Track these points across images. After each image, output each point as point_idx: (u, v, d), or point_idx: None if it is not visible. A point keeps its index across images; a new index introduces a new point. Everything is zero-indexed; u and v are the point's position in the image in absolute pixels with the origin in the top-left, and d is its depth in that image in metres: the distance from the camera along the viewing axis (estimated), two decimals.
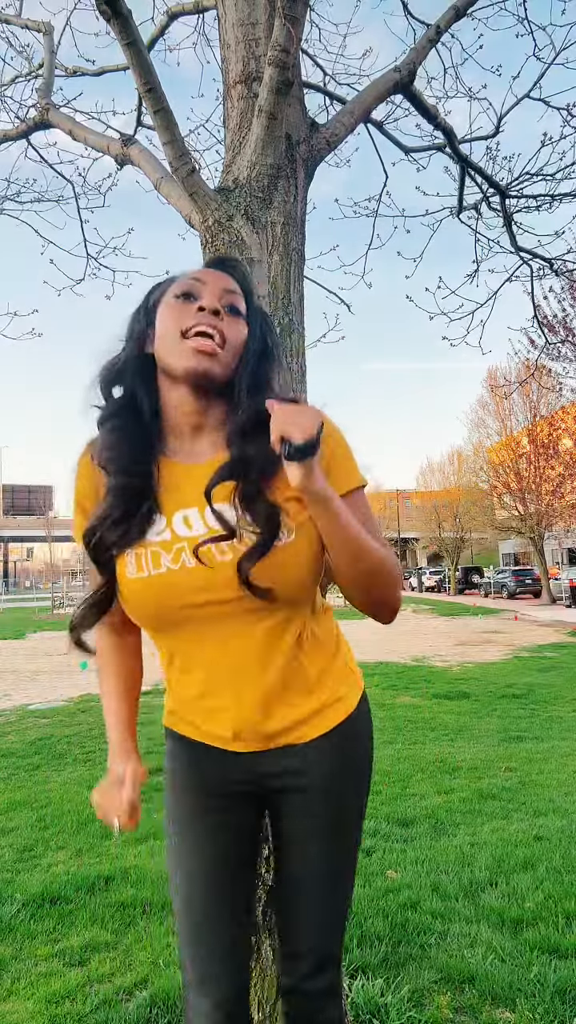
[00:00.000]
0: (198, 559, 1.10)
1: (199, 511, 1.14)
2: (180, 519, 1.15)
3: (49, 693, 9.04)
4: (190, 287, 1.19)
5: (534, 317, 4.66)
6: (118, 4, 1.69)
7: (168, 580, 1.12)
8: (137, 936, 2.69)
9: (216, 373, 1.15)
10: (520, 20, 3.43)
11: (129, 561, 1.15)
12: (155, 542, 1.14)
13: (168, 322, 1.18)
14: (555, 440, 27.77)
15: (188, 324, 1.15)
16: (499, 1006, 2.18)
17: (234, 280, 1.23)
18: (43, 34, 3.27)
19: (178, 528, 1.15)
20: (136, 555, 1.14)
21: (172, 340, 1.16)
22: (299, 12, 1.82)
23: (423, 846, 3.50)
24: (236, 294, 1.21)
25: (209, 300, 1.16)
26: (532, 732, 6.16)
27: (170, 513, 1.15)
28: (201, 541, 1.11)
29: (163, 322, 1.19)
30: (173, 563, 1.12)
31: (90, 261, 3.79)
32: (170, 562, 1.12)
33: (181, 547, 1.13)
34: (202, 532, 1.13)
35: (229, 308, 1.19)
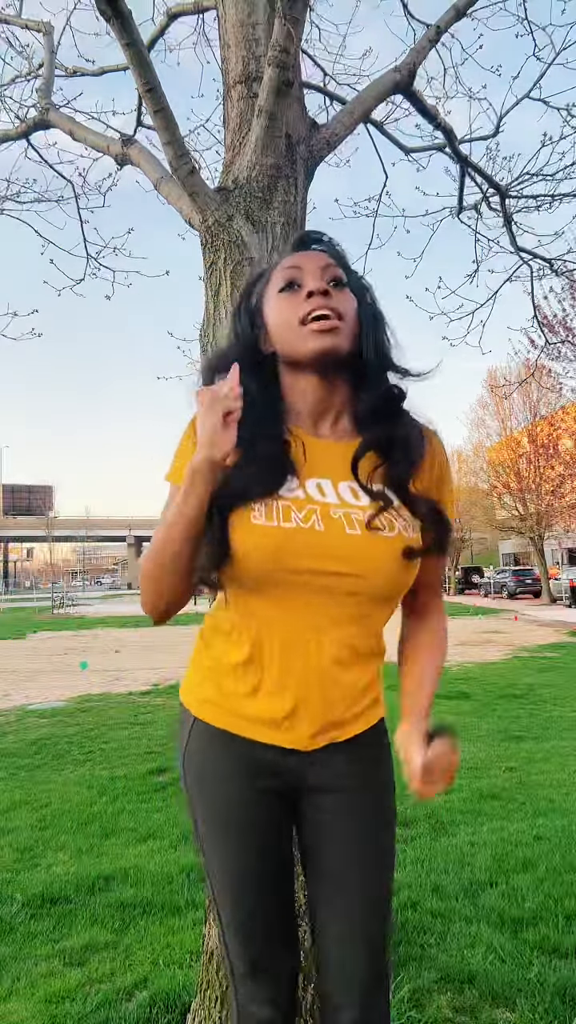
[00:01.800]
0: (367, 527, 1.11)
1: (333, 482, 1.16)
2: (314, 484, 1.15)
3: (49, 693, 9.03)
4: (291, 276, 1.19)
5: (534, 317, 4.65)
6: (118, 4, 1.69)
7: (295, 536, 1.10)
8: (137, 936, 2.69)
9: (342, 348, 1.16)
10: (520, 20, 3.43)
11: (256, 508, 1.12)
12: (287, 497, 1.13)
13: (282, 315, 1.18)
14: (555, 440, 27.78)
15: (303, 312, 1.15)
16: (499, 1006, 2.18)
17: (327, 255, 1.22)
18: (43, 34, 3.28)
19: (312, 491, 1.15)
20: (266, 504, 1.12)
21: (292, 331, 1.16)
22: (299, 12, 1.83)
23: (423, 846, 3.50)
24: (335, 267, 1.20)
25: (315, 282, 1.16)
26: (532, 732, 6.16)
27: (304, 477, 1.16)
28: (372, 508, 1.12)
29: (277, 317, 1.19)
30: (304, 522, 1.11)
31: (90, 261, 3.78)
32: (301, 520, 1.11)
33: (313, 509, 1.12)
34: (335, 501, 1.14)
35: (333, 283, 1.19)
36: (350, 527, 1.11)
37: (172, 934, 2.68)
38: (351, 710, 1.17)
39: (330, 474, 1.16)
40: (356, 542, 1.11)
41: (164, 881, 3.14)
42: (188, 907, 2.90)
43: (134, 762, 5.35)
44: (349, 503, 1.14)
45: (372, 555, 1.11)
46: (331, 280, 1.18)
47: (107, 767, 5.27)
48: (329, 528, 1.11)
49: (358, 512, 1.13)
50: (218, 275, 2.01)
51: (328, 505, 1.13)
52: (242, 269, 1.97)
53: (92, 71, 3.61)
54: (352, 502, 1.14)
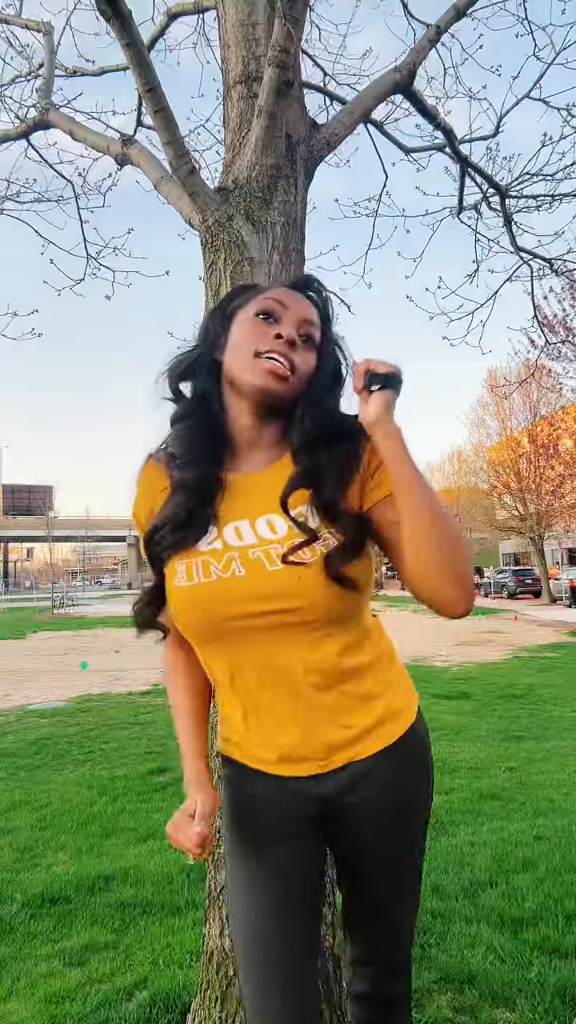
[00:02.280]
0: (286, 563, 1.09)
1: (250, 522, 1.16)
2: (231, 530, 1.16)
3: (49, 693, 9.03)
4: (272, 308, 1.20)
5: (534, 317, 4.65)
6: (118, 4, 1.69)
7: (218, 588, 1.11)
8: (137, 936, 2.69)
9: (282, 396, 1.17)
10: (520, 20, 3.43)
11: (179, 569, 1.14)
12: (205, 551, 1.14)
13: (245, 337, 1.19)
14: (555, 440, 27.77)
15: (264, 347, 1.16)
16: (499, 1006, 2.18)
17: (315, 309, 1.23)
18: (43, 34, 3.28)
19: (229, 538, 1.15)
20: (186, 564, 1.14)
21: (245, 356, 1.17)
22: (299, 12, 1.82)
23: None
24: (313, 325, 1.21)
25: (288, 329, 1.17)
26: (532, 732, 6.16)
27: (223, 524, 1.16)
28: (291, 547, 1.10)
29: (239, 336, 1.20)
30: (223, 572, 1.12)
31: (90, 261, 3.78)
32: (220, 570, 1.12)
33: (232, 556, 1.13)
34: (252, 542, 1.13)
35: (305, 338, 1.20)
36: (270, 563, 1.11)
37: (172, 934, 2.68)
38: (356, 728, 1.15)
39: (247, 513, 1.16)
40: (279, 577, 1.10)
41: (164, 881, 3.14)
42: (188, 907, 2.90)
43: (134, 762, 5.35)
44: (266, 539, 1.13)
45: (298, 584, 1.10)
46: (304, 335, 1.19)
47: (107, 767, 5.27)
48: (250, 570, 1.11)
49: (276, 546, 1.12)
50: (218, 275, 2.01)
51: (245, 548, 1.13)
52: (242, 269, 1.97)
53: (92, 71, 3.61)
54: (269, 537, 1.13)
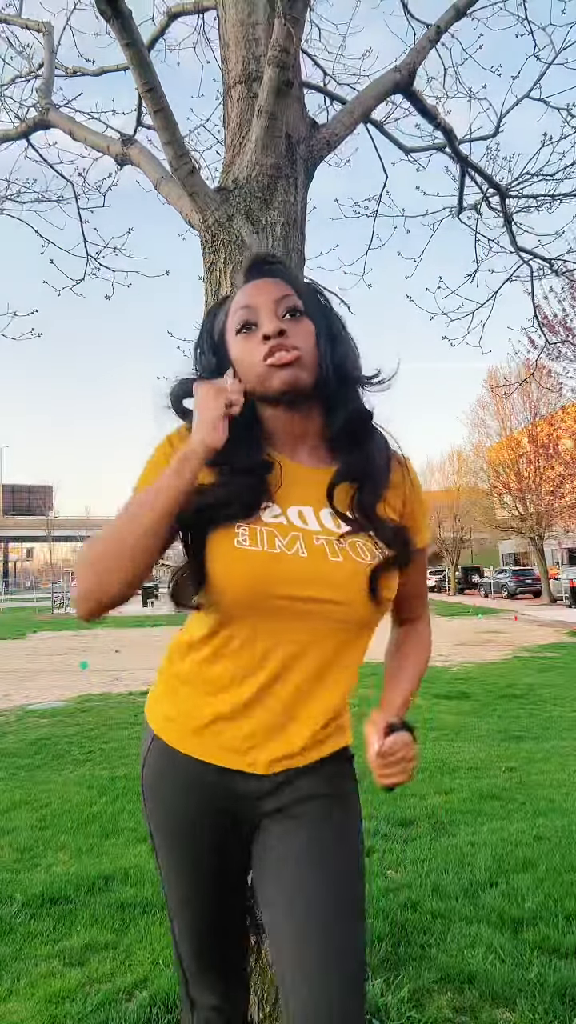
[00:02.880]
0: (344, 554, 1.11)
1: (314, 510, 1.16)
2: (295, 512, 1.16)
3: (49, 693, 9.03)
4: (245, 317, 1.18)
5: (534, 317, 4.65)
6: (118, 4, 1.69)
7: (278, 561, 1.10)
8: (137, 936, 2.69)
9: (305, 380, 1.16)
10: (520, 20, 3.43)
11: (240, 532, 1.11)
12: (270, 523, 1.13)
13: (243, 357, 1.18)
14: (555, 440, 27.78)
15: (261, 355, 1.15)
16: (499, 1006, 2.18)
17: (281, 281, 1.21)
18: (43, 34, 3.28)
19: (293, 518, 1.15)
20: (250, 529, 1.12)
21: (255, 370, 1.16)
22: (299, 12, 1.82)
23: (423, 846, 3.50)
24: (289, 295, 1.19)
25: (268, 324, 1.15)
26: (532, 732, 6.16)
27: (285, 504, 1.16)
28: (343, 533, 1.13)
29: (239, 358, 1.19)
30: (287, 548, 1.11)
31: (90, 261, 3.78)
32: (284, 545, 1.11)
33: (297, 536, 1.12)
34: (316, 528, 1.14)
35: (289, 314, 1.18)
36: (332, 555, 1.12)
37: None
38: (316, 736, 1.15)
39: (310, 501, 1.17)
40: (339, 569, 1.11)
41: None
42: None
43: (134, 762, 5.34)
44: (330, 530, 1.14)
45: (352, 582, 1.11)
46: (286, 312, 1.18)
47: (107, 767, 5.27)
48: (312, 555, 1.11)
49: (339, 540, 1.14)
50: (218, 275, 2.01)
51: (311, 532, 1.13)
52: (242, 269, 1.97)
53: (92, 71, 3.61)
54: (333, 529, 1.15)
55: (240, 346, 1.18)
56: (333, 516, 1.16)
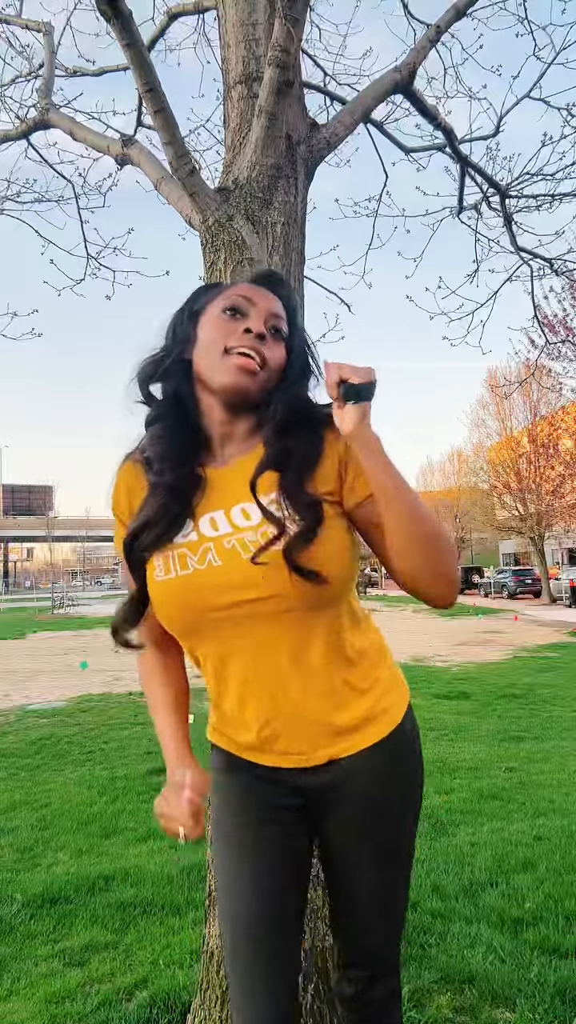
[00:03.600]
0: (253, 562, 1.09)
1: (225, 512, 1.16)
2: (207, 521, 1.16)
3: (49, 693, 9.04)
4: (239, 303, 1.20)
5: (534, 317, 4.65)
6: (118, 4, 1.69)
7: (194, 580, 1.12)
8: (137, 936, 2.69)
9: (252, 392, 1.17)
10: (520, 20, 3.43)
11: (157, 564, 1.15)
12: (181, 543, 1.15)
13: (213, 335, 1.19)
14: (555, 440, 27.78)
15: (232, 343, 1.16)
16: (499, 1006, 2.18)
17: (280, 302, 1.24)
18: (43, 34, 3.27)
19: (204, 529, 1.15)
20: (164, 557, 1.15)
21: (215, 354, 1.17)
22: (299, 12, 1.83)
23: (423, 846, 3.50)
24: (281, 318, 1.22)
25: (256, 323, 1.17)
26: (532, 732, 6.16)
27: (199, 516, 1.17)
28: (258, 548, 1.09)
29: (207, 334, 1.20)
30: (199, 563, 1.12)
31: (90, 261, 3.78)
32: (196, 562, 1.12)
33: (207, 547, 1.13)
34: (227, 531, 1.14)
35: (273, 331, 1.20)
36: (245, 552, 1.10)
37: (172, 934, 2.68)
38: (340, 721, 1.15)
39: (223, 503, 1.16)
40: (254, 567, 1.09)
41: (164, 881, 3.14)
42: (188, 907, 2.90)
43: (134, 762, 5.35)
44: (240, 527, 1.13)
45: (270, 575, 1.09)
46: (272, 328, 1.20)
47: (107, 767, 5.27)
48: (226, 560, 1.11)
49: (250, 534, 1.11)
50: (218, 275, 2.00)
51: (220, 538, 1.13)
52: (242, 269, 1.97)
53: (92, 71, 3.61)
54: (244, 525, 1.13)
55: (218, 325, 1.19)
56: (244, 511, 1.15)
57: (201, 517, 1.16)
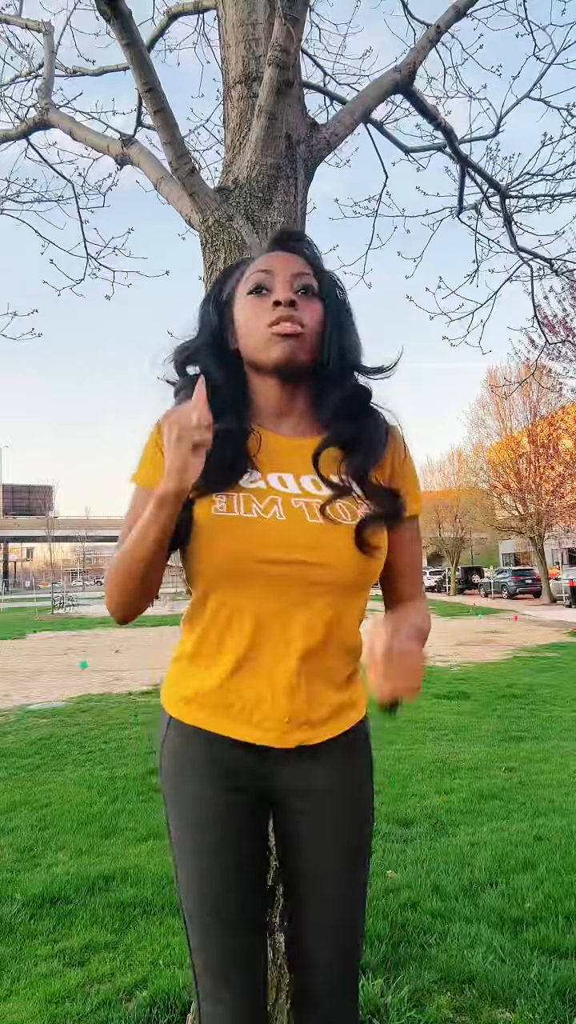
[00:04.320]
0: (324, 515, 1.11)
1: (295, 476, 1.17)
2: (275, 478, 1.17)
3: (49, 693, 9.04)
4: (261, 280, 1.20)
5: (534, 317, 4.66)
6: (118, 4, 1.69)
7: (256, 525, 1.11)
8: (137, 936, 2.69)
9: (302, 359, 1.17)
10: (520, 20, 3.43)
11: (218, 500, 1.12)
12: (248, 487, 1.15)
13: (248, 319, 1.20)
14: (555, 440, 27.79)
15: (268, 319, 1.17)
16: (499, 1006, 2.18)
17: (302, 258, 1.23)
18: (43, 34, 3.27)
19: (273, 483, 1.16)
20: (226, 497, 1.13)
21: (256, 336, 1.18)
22: (299, 12, 1.83)
23: (423, 846, 3.50)
24: (307, 274, 1.21)
25: (283, 291, 1.17)
26: (532, 732, 6.16)
27: (266, 471, 1.17)
28: (330, 497, 1.13)
29: (243, 319, 1.21)
30: (265, 512, 1.12)
31: (90, 261, 3.78)
32: (261, 510, 1.12)
33: (275, 499, 1.13)
34: (296, 492, 1.14)
35: (302, 290, 1.20)
36: (311, 516, 1.12)
37: (172, 934, 2.68)
38: (320, 708, 1.15)
39: (292, 469, 1.18)
40: (318, 530, 1.11)
41: (164, 881, 3.14)
42: None
43: (134, 762, 5.35)
44: (311, 493, 1.15)
45: (334, 542, 1.11)
46: (300, 288, 1.20)
47: (107, 767, 5.27)
48: (291, 517, 1.12)
49: (319, 501, 1.14)
50: (218, 275, 2.00)
51: (289, 495, 1.14)
52: None
53: (92, 71, 3.61)
54: (314, 492, 1.15)
55: (249, 308, 1.20)
56: (315, 482, 1.16)
57: (269, 473, 1.17)
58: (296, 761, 1.16)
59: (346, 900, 1.20)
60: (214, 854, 1.16)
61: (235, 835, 1.16)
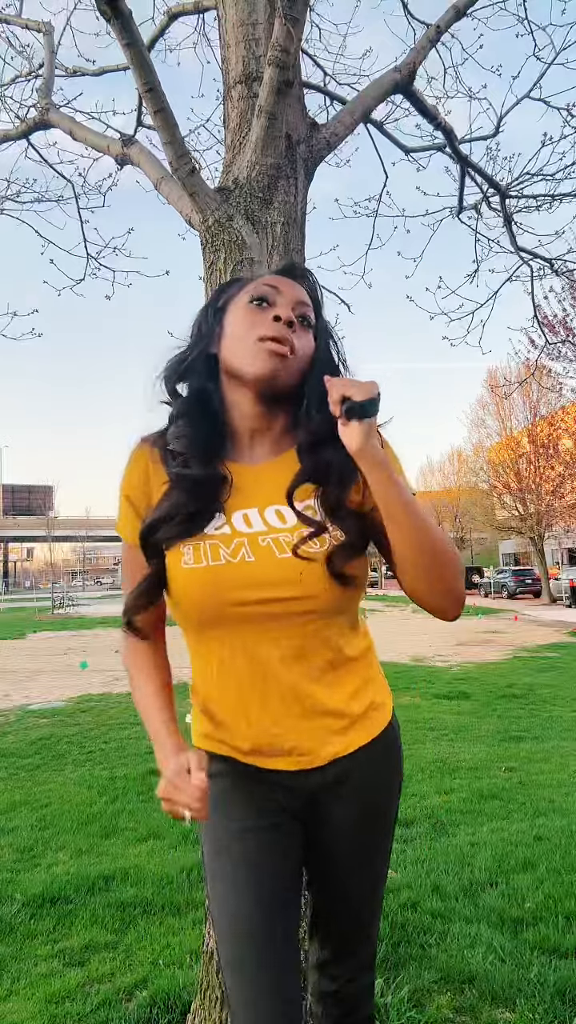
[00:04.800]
0: (295, 554, 1.10)
1: (259, 510, 1.16)
2: (240, 517, 1.16)
3: (49, 693, 9.03)
4: (265, 293, 1.20)
5: (534, 317, 4.66)
6: (118, 4, 1.69)
7: (226, 572, 1.11)
8: (137, 936, 2.69)
9: (283, 379, 1.17)
10: (520, 20, 3.43)
11: (186, 551, 1.14)
12: (214, 535, 1.14)
13: (242, 325, 1.19)
14: (555, 440, 27.79)
15: (262, 332, 1.16)
16: (499, 1006, 2.18)
17: (306, 292, 1.24)
18: (43, 34, 3.27)
19: (238, 524, 1.15)
20: (193, 547, 1.13)
21: (246, 344, 1.17)
22: (299, 12, 1.83)
23: (423, 846, 3.50)
24: (308, 306, 1.22)
25: (284, 310, 1.18)
26: (532, 732, 6.16)
27: (230, 512, 1.16)
28: (301, 536, 1.12)
29: (236, 325, 1.20)
30: (232, 556, 1.12)
31: (90, 261, 3.79)
32: (229, 555, 1.12)
33: (241, 542, 1.13)
34: (262, 529, 1.14)
35: (301, 319, 1.21)
36: (279, 551, 1.11)
37: (172, 934, 2.68)
38: (340, 721, 1.16)
39: (256, 502, 1.17)
40: (288, 565, 1.11)
41: (164, 881, 3.14)
42: (188, 907, 2.90)
43: (134, 762, 5.35)
44: (276, 528, 1.14)
45: (307, 575, 1.10)
46: (300, 316, 1.20)
47: (107, 767, 5.27)
48: (259, 557, 1.12)
49: (286, 535, 1.13)
50: (218, 275, 2.00)
51: (255, 535, 1.14)
52: (242, 269, 1.97)
53: (92, 71, 3.61)
54: (279, 526, 1.14)
55: (246, 315, 1.20)
56: (279, 513, 1.16)
57: (233, 512, 1.16)
58: (332, 772, 1.17)
59: (370, 905, 1.26)
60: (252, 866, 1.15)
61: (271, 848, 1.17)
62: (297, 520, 1.14)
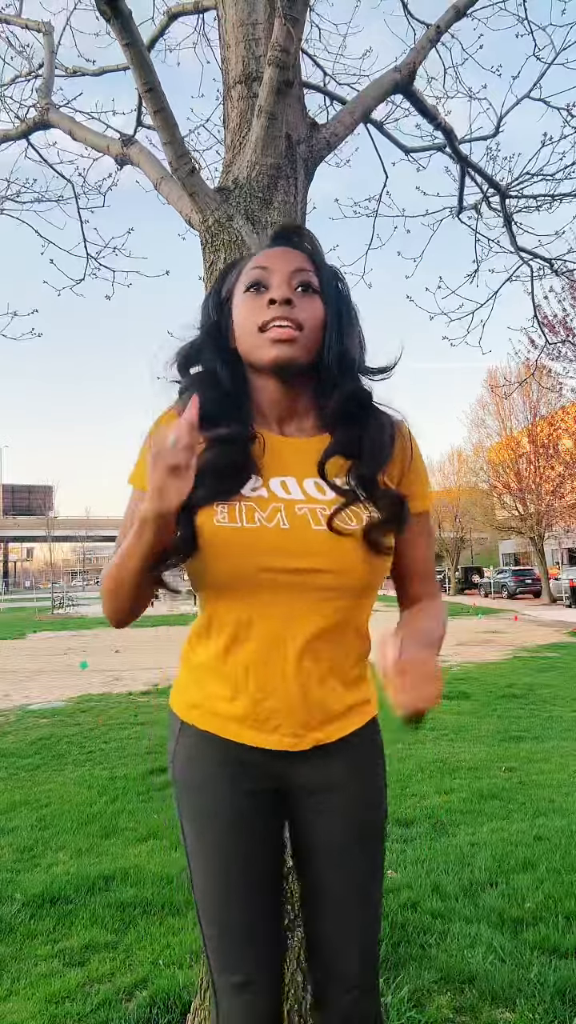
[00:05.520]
0: (331, 527, 1.09)
1: (297, 480, 1.15)
2: (278, 483, 1.15)
3: (49, 693, 9.03)
4: (258, 277, 1.18)
5: (534, 317, 4.66)
6: (118, 4, 1.69)
7: (260, 535, 1.09)
8: (137, 936, 2.69)
9: (299, 359, 1.15)
10: (520, 20, 3.43)
11: (220, 510, 1.11)
12: (251, 497, 1.12)
13: (244, 318, 1.18)
14: (555, 440, 27.79)
15: (263, 319, 1.14)
16: (499, 1006, 2.18)
17: (301, 253, 1.21)
18: (43, 34, 3.27)
19: (276, 489, 1.14)
20: (228, 506, 1.11)
21: (251, 336, 1.16)
22: (299, 12, 1.83)
23: (423, 846, 3.50)
24: (306, 270, 1.18)
25: (278, 290, 1.14)
26: (532, 732, 6.16)
27: (268, 476, 1.15)
28: (337, 505, 1.11)
29: (239, 318, 1.19)
30: (268, 520, 1.10)
31: (90, 261, 3.79)
32: (264, 519, 1.10)
33: (278, 507, 1.12)
34: (300, 498, 1.13)
35: (301, 288, 1.17)
36: (315, 523, 1.10)
37: (172, 934, 2.68)
38: (335, 708, 1.15)
39: (294, 472, 1.16)
40: (324, 537, 1.10)
41: (164, 881, 3.14)
42: (188, 907, 2.90)
43: (134, 762, 5.35)
44: (315, 499, 1.13)
45: (339, 549, 1.10)
46: (299, 285, 1.17)
47: (107, 767, 5.27)
48: (294, 525, 1.10)
49: (323, 507, 1.12)
50: (217, 275, 2.00)
51: (293, 502, 1.12)
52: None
53: (92, 71, 3.61)
54: (318, 497, 1.13)
55: (245, 305, 1.18)
56: (318, 485, 1.15)
57: (271, 478, 1.15)
58: (311, 759, 1.16)
59: (363, 898, 1.20)
60: (232, 851, 1.15)
61: (252, 833, 1.16)
62: (335, 495, 1.13)
